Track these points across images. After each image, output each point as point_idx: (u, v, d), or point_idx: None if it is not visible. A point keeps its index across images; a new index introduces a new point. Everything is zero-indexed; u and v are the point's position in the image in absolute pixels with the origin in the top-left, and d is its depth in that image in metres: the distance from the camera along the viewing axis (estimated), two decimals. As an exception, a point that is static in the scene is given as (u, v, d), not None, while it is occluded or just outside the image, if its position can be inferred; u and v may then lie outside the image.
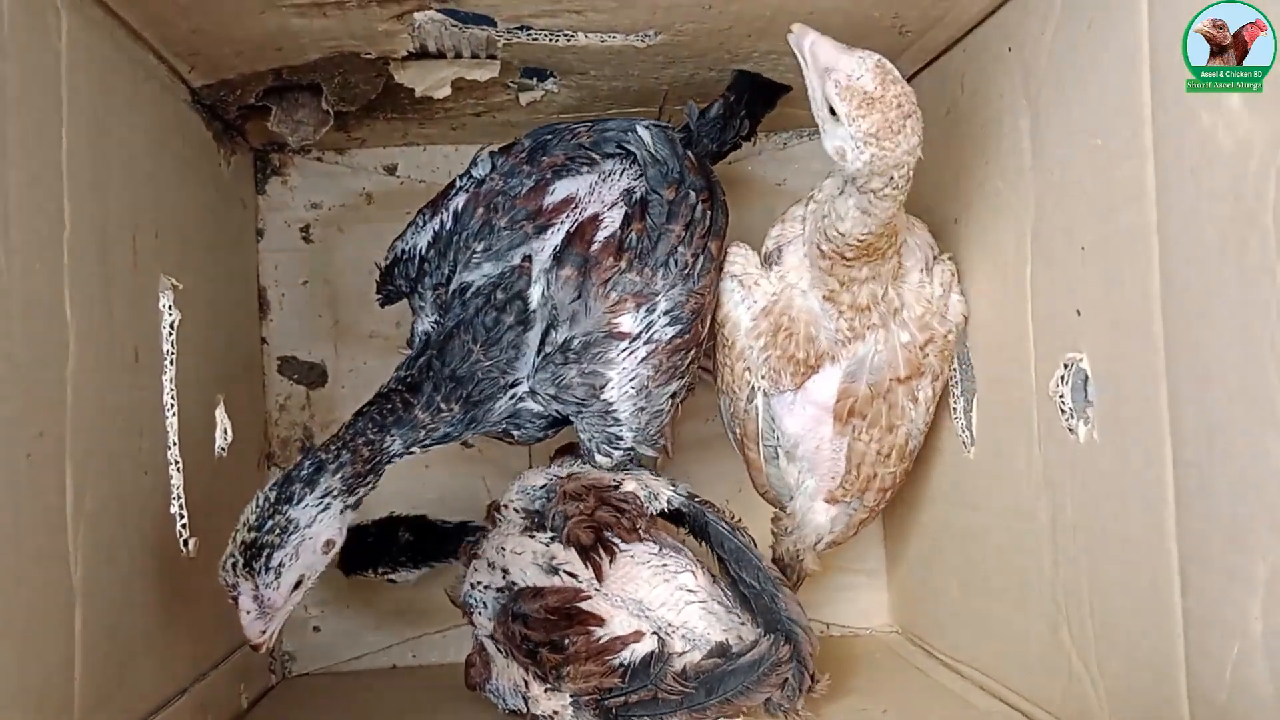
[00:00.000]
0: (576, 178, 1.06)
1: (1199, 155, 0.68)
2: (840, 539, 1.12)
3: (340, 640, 1.33)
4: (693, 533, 1.07)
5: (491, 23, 1.02)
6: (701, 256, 1.04)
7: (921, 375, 1.04)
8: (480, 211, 1.05)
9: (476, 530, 1.18)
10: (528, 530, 1.05)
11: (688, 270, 1.03)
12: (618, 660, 0.97)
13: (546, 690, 0.99)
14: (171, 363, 0.96)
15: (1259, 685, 0.65)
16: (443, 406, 0.97)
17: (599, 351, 1.00)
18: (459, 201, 1.07)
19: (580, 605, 0.98)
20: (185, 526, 0.97)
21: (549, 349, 1.00)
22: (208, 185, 1.16)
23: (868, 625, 1.35)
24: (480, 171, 1.08)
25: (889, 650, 1.28)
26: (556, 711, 0.99)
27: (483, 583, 1.05)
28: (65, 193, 0.78)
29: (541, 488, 1.07)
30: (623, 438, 1.04)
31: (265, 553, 0.88)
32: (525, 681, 1.01)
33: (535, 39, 1.05)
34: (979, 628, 1.09)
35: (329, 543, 0.93)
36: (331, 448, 0.93)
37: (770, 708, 0.97)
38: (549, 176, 1.06)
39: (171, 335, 0.97)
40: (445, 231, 1.06)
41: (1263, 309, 0.63)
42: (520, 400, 1.02)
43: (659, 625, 0.99)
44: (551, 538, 1.03)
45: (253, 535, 0.88)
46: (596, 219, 1.03)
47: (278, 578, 0.89)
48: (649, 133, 1.05)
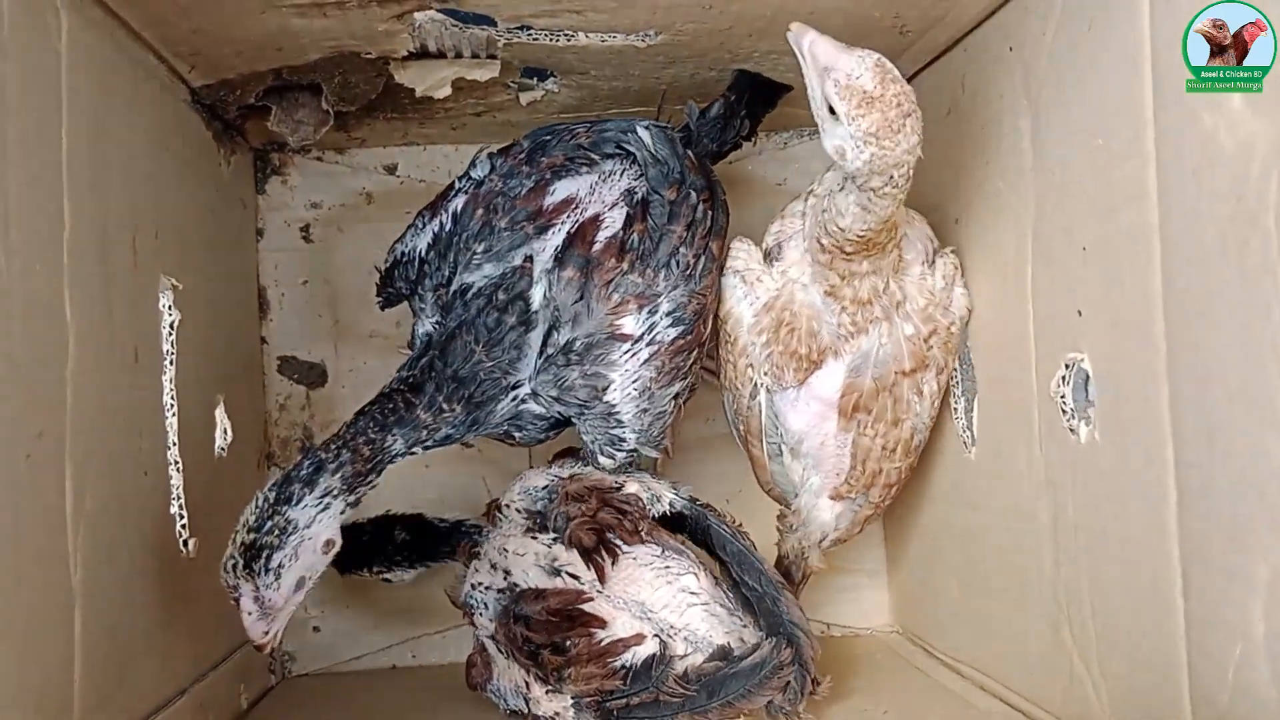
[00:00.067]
0: (576, 178, 1.05)
1: (1200, 156, 0.68)
2: (845, 536, 1.12)
3: (340, 640, 1.33)
4: (694, 536, 1.06)
5: (492, 23, 1.02)
6: (703, 257, 1.04)
7: (926, 368, 1.03)
8: (480, 213, 1.05)
9: (473, 529, 1.18)
10: (530, 531, 1.05)
11: (690, 271, 1.02)
12: (619, 662, 0.97)
13: (548, 692, 0.99)
14: (171, 363, 0.96)
15: (1261, 687, 0.65)
16: (445, 407, 0.97)
17: (601, 353, 1.00)
18: (458, 203, 1.07)
19: (582, 607, 0.98)
20: (185, 527, 0.97)
21: (551, 350, 1.00)
22: (208, 185, 1.16)
23: (868, 625, 1.35)
24: (479, 173, 1.08)
25: (889, 650, 1.28)
26: (558, 713, 0.99)
27: (484, 583, 1.05)
28: (65, 193, 0.78)
29: (544, 489, 1.07)
30: (625, 439, 1.03)
31: (265, 554, 0.88)
32: (526, 683, 1.01)
33: (535, 39, 1.05)
34: (979, 628, 1.08)
35: (329, 543, 0.93)
36: (332, 447, 0.93)
37: (772, 711, 0.97)
38: (548, 177, 1.05)
39: (171, 335, 0.97)
40: (445, 233, 1.06)
41: (1264, 310, 0.63)
42: (522, 402, 1.01)
43: (661, 627, 0.99)
44: (554, 539, 1.02)
45: (252, 536, 0.88)
46: (597, 219, 1.03)
47: (278, 579, 0.89)
48: (649, 133, 1.05)
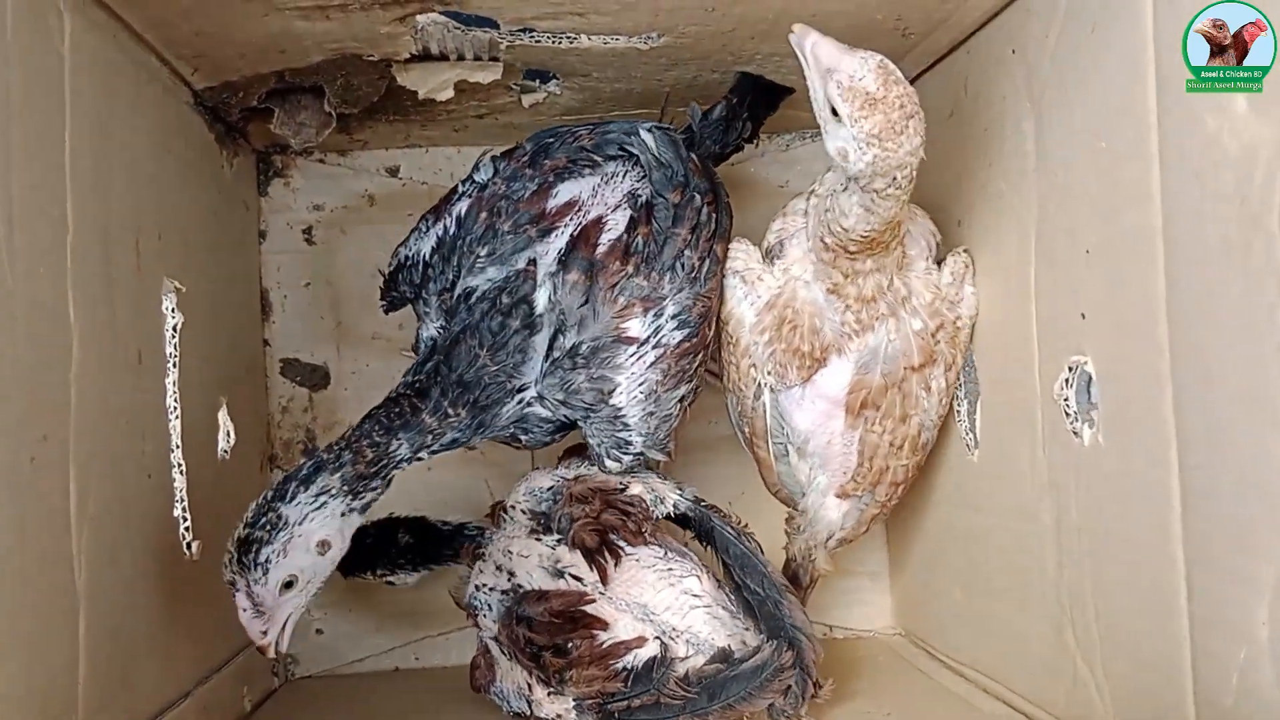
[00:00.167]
0: (579, 180, 1.06)
1: (1204, 158, 0.68)
2: (852, 535, 1.12)
3: (343, 643, 1.33)
4: (698, 537, 1.06)
5: (494, 25, 1.02)
6: (707, 260, 1.04)
7: (934, 363, 1.03)
8: (483, 216, 1.05)
9: (476, 532, 1.18)
10: (534, 533, 1.05)
11: (694, 274, 1.02)
12: (621, 664, 0.97)
13: (550, 693, 0.99)
14: (175, 365, 0.96)
15: (1266, 690, 0.65)
16: (450, 411, 0.97)
17: (607, 356, 1.00)
18: (462, 206, 1.07)
19: (584, 609, 0.98)
20: (189, 529, 0.97)
21: (557, 354, 1.00)
22: (210, 187, 1.16)
23: (870, 628, 1.35)
24: (482, 176, 1.08)
25: (892, 653, 1.28)
26: (560, 715, 0.99)
27: (488, 585, 1.05)
28: (68, 195, 0.78)
29: (548, 489, 1.07)
30: (632, 443, 1.03)
31: (254, 548, 0.89)
32: (529, 684, 1.01)
33: (538, 41, 1.05)
34: (982, 630, 1.08)
35: (324, 543, 0.93)
36: (334, 448, 0.94)
37: (773, 714, 0.97)
38: (551, 179, 1.05)
39: (174, 338, 0.97)
40: (449, 237, 1.06)
41: (1267, 312, 0.63)
42: (528, 405, 1.01)
43: (663, 629, 0.99)
44: (558, 540, 1.03)
45: (247, 531, 0.90)
46: (600, 221, 1.03)
47: (265, 574, 0.89)
48: (652, 136, 1.05)
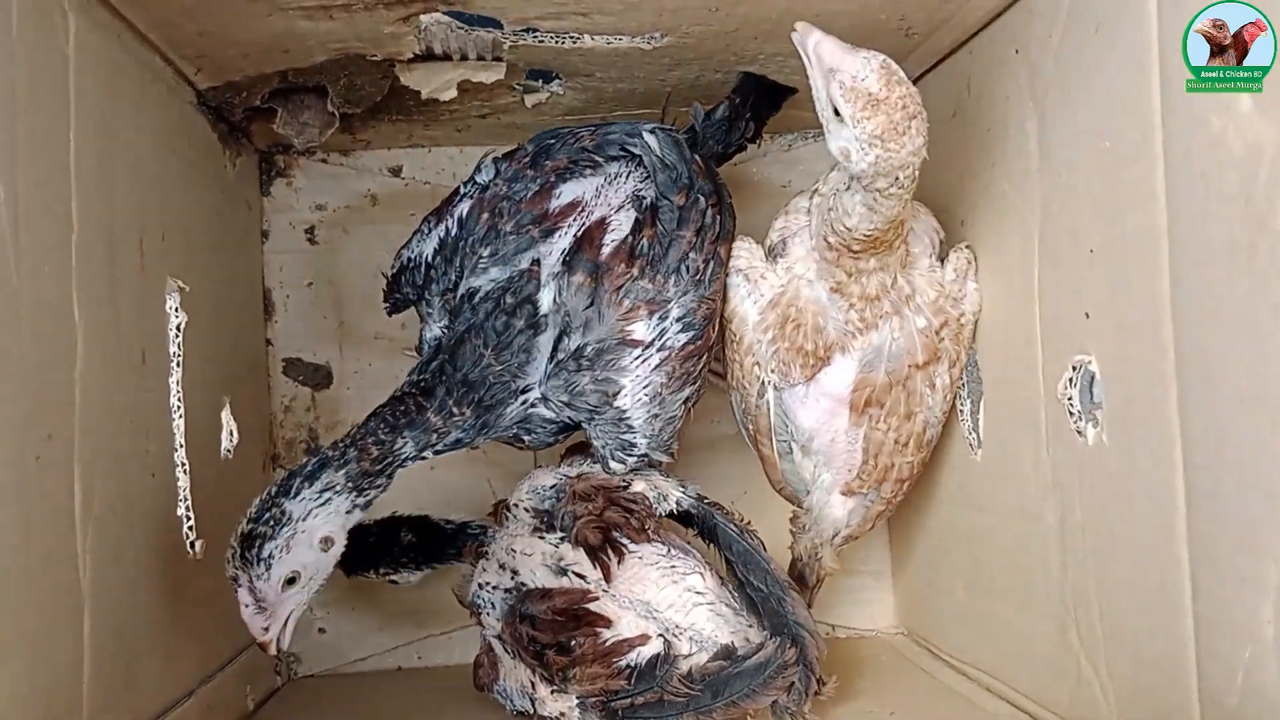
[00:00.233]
0: (581, 180, 1.06)
1: (1209, 158, 0.68)
2: (857, 533, 1.12)
3: (346, 642, 1.33)
4: (701, 534, 1.07)
5: (498, 25, 1.02)
6: (712, 262, 1.04)
7: (939, 360, 1.03)
8: (485, 217, 1.05)
9: (478, 531, 1.18)
10: (537, 531, 1.05)
11: (699, 276, 1.02)
12: (624, 662, 0.97)
13: (553, 692, 0.99)
14: (178, 364, 0.96)
15: (1271, 689, 0.65)
16: (454, 411, 0.97)
17: (612, 359, 1.00)
18: (464, 208, 1.07)
19: (588, 606, 0.98)
20: (192, 528, 0.97)
21: (562, 356, 1.00)
22: (213, 187, 1.16)
23: (873, 627, 1.35)
24: (484, 177, 1.08)
25: (894, 652, 1.28)
26: (563, 713, 0.99)
27: (491, 583, 1.05)
28: (73, 195, 0.78)
29: (551, 488, 1.07)
30: (636, 444, 1.03)
31: (257, 543, 0.89)
32: (532, 683, 1.01)
33: (541, 41, 1.05)
34: (985, 629, 1.08)
35: (326, 539, 0.93)
36: (339, 445, 0.95)
37: (777, 711, 0.97)
38: (553, 180, 1.06)
39: (178, 337, 0.97)
40: (451, 238, 1.06)
41: (1272, 311, 0.63)
42: (532, 406, 1.02)
43: (666, 627, 0.99)
44: (561, 538, 1.03)
45: (250, 526, 0.90)
46: (604, 222, 1.03)
47: (268, 569, 0.90)
48: (656, 138, 1.05)
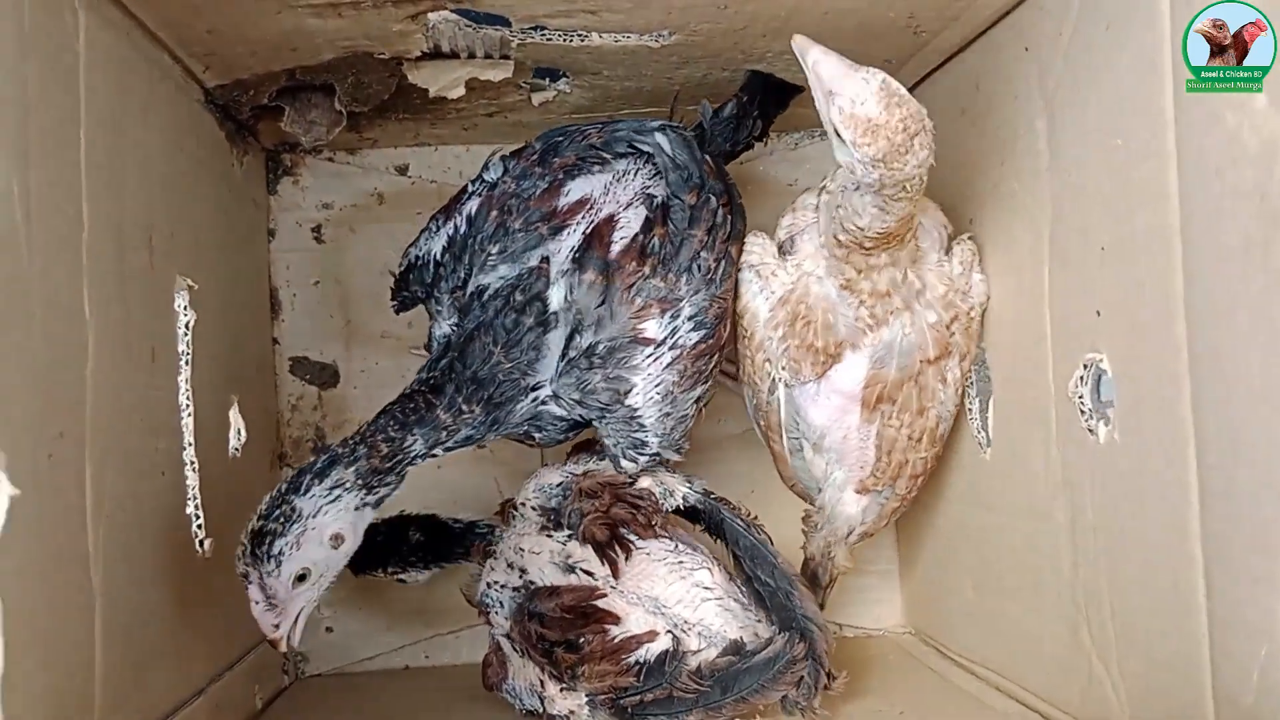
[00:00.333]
0: (590, 178, 1.05)
1: (1223, 155, 0.68)
2: (872, 529, 1.11)
3: (353, 641, 1.33)
4: (708, 529, 1.07)
5: (506, 23, 1.02)
6: (723, 261, 1.04)
7: (950, 354, 1.03)
8: (494, 214, 1.05)
9: (486, 530, 1.18)
10: (544, 529, 1.05)
11: (711, 275, 1.02)
12: (633, 659, 0.97)
13: (562, 690, 0.99)
14: (187, 363, 0.96)
15: (1285, 687, 0.65)
16: (464, 408, 0.97)
17: (624, 357, 1.00)
18: (472, 205, 1.07)
19: (596, 603, 0.98)
20: (201, 527, 0.97)
21: (573, 354, 1.00)
22: (220, 185, 1.16)
23: (881, 626, 1.35)
24: (492, 175, 1.08)
25: (902, 651, 1.28)
26: (572, 711, 0.99)
27: (500, 582, 1.05)
28: (84, 193, 0.78)
29: (558, 485, 1.07)
30: (648, 443, 1.03)
31: (268, 540, 0.89)
32: (541, 681, 1.01)
33: (549, 39, 1.05)
34: (994, 629, 1.08)
35: (337, 536, 0.93)
36: (349, 442, 0.95)
37: (786, 706, 0.97)
38: (561, 177, 1.05)
39: (187, 335, 0.97)
40: (459, 236, 1.06)
41: (1287, 309, 0.63)
42: (542, 403, 1.02)
43: (675, 622, 0.99)
44: (568, 536, 1.03)
45: (260, 523, 0.90)
46: (612, 220, 1.03)
47: (278, 566, 0.90)
48: (666, 137, 1.05)
